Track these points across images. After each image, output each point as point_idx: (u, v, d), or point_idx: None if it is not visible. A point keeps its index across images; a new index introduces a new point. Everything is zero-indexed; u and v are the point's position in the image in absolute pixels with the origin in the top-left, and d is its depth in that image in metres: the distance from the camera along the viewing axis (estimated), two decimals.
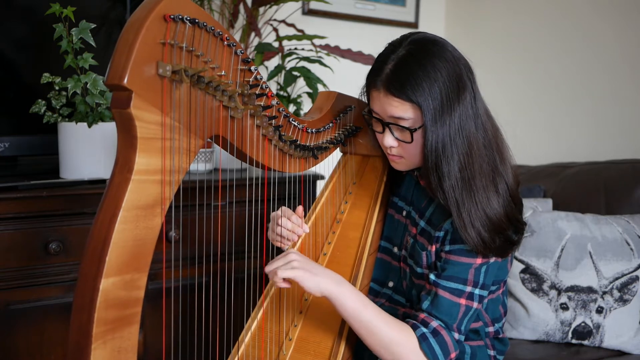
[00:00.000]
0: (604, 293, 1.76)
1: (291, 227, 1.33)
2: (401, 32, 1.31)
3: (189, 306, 1.70)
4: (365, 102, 1.32)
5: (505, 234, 1.21)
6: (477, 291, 1.22)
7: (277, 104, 1.16)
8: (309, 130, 1.30)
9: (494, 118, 1.27)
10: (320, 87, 2.16)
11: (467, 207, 1.18)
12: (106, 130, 1.61)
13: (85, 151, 1.61)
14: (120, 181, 0.89)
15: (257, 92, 1.10)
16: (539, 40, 2.55)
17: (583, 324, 1.76)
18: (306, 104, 2.30)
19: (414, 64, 1.18)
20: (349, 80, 1.60)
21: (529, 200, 1.98)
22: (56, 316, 1.58)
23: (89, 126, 1.59)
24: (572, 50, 2.44)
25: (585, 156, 2.31)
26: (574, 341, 1.77)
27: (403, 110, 1.19)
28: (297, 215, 1.34)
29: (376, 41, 1.48)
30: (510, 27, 2.67)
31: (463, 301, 1.21)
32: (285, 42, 2.35)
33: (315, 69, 2.24)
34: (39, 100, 1.64)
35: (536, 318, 1.79)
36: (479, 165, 1.19)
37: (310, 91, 2.14)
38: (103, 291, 0.86)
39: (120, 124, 0.90)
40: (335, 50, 2.18)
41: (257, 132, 1.15)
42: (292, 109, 2.15)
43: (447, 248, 1.24)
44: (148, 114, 0.90)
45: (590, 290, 1.77)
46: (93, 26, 1.57)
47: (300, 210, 1.34)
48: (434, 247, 1.27)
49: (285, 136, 1.22)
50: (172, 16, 0.90)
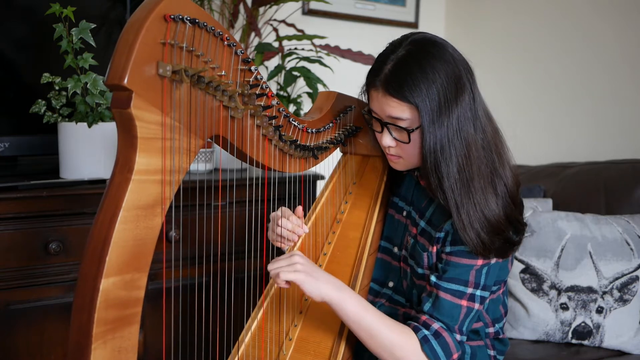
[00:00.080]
0: (604, 293, 1.76)
1: (291, 228, 1.33)
2: (401, 32, 1.31)
3: (189, 306, 1.70)
4: (365, 102, 1.32)
5: (505, 235, 1.21)
6: (478, 292, 1.22)
7: (277, 104, 1.16)
8: (309, 130, 1.30)
9: (494, 120, 1.27)
10: (320, 87, 2.16)
11: (466, 208, 1.18)
12: (106, 130, 1.61)
13: (85, 151, 1.61)
14: (120, 181, 0.89)
15: (257, 92, 1.10)
16: (539, 40, 2.55)
17: (583, 324, 1.76)
18: (306, 104, 2.30)
19: (412, 65, 1.18)
20: (349, 80, 1.60)
21: (529, 200, 1.98)
22: (56, 316, 1.58)
23: (89, 126, 1.59)
24: (572, 50, 2.44)
25: (585, 156, 2.31)
26: (574, 341, 1.77)
27: (400, 111, 1.19)
28: (296, 216, 1.34)
29: (376, 41, 1.48)
30: (510, 27, 2.67)
31: (464, 303, 1.21)
32: (285, 42, 2.35)
33: (315, 69, 2.24)
34: (39, 100, 1.64)
35: (536, 318, 1.79)
36: (477, 167, 1.19)
37: (310, 91, 2.14)
38: (103, 291, 0.86)
39: (120, 124, 0.90)
40: (335, 50, 2.18)
41: (257, 132, 1.15)
42: (292, 109, 2.15)
43: (448, 249, 1.24)
44: (148, 114, 0.90)
45: (590, 290, 1.77)
46: (93, 26, 1.57)
47: (299, 211, 1.34)
48: (434, 248, 1.27)
49: (286, 136, 1.22)
50: (172, 16, 0.90)
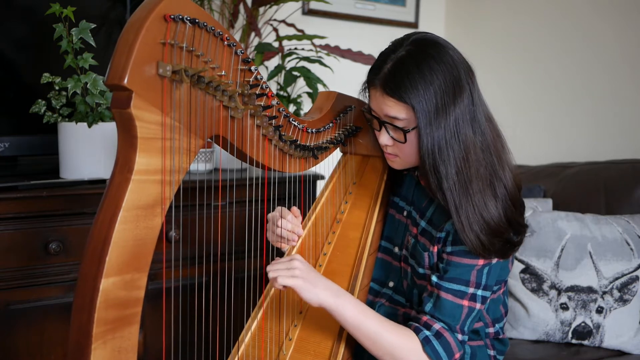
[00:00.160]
0: (604, 293, 1.76)
1: (291, 228, 1.33)
2: (401, 32, 1.31)
3: (189, 306, 1.70)
4: (365, 101, 1.32)
5: (505, 237, 1.20)
6: (479, 292, 1.22)
7: (277, 104, 1.16)
8: (309, 130, 1.30)
9: (495, 122, 1.26)
10: (320, 87, 2.16)
11: (465, 210, 1.17)
12: (106, 130, 1.61)
13: (85, 151, 1.61)
14: (120, 181, 0.89)
15: (257, 92, 1.10)
16: (539, 40, 2.55)
17: (583, 324, 1.76)
18: (306, 104, 2.30)
19: (411, 66, 1.18)
20: (349, 80, 1.60)
21: (529, 200, 1.98)
22: (56, 316, 1.58)
23: (89, 126, 1.59)
24: (572, 50, 2.44)
25: (585, 156, 2.31)
26: (574, 341, 1.77)
27: (397, 111, 1.19)
28: (293, 214, 1.35)
29: (376, 41, 1.48)
30: (510, 27, 2.67)
31: (466, 302, 1.21)
32: (285, 42, 2.35)
33: (315, 69, 2.24)
34: (39, 100, 1.64)
35: (536, 318, 1.79)
36: (475, 169, 1.18)
37: (310, 91, 2.14)
38: (103, 291, 0.86)
39: (120, 124, 0.90)
40: (335, 50, 2.18)
41: (257, 132, 1.15)
42: (292, 109, 2.15)
43: (449, 249, 1.24)
44: (148, 114, 0.90)
45: (590, 290, 1.77)
46: (93, 26, 1.57)
47: (295, 210, 1.35)
48: (435, 247, 1.27)
49: (286, 136, 1.22)
50: (172, 16, 0.90)
